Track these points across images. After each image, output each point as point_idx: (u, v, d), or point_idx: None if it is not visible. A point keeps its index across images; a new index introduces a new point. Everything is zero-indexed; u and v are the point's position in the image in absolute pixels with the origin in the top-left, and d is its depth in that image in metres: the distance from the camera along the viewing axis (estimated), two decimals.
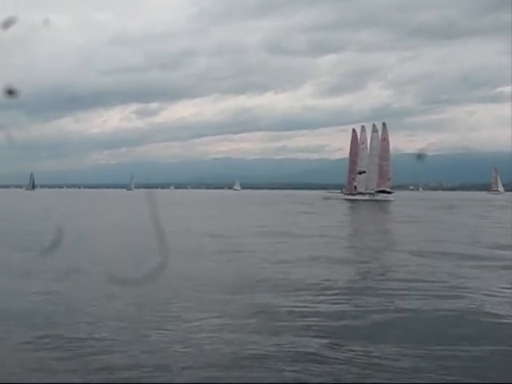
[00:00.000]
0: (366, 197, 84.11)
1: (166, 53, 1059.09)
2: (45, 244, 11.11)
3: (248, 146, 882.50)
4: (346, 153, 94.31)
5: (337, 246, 20.77)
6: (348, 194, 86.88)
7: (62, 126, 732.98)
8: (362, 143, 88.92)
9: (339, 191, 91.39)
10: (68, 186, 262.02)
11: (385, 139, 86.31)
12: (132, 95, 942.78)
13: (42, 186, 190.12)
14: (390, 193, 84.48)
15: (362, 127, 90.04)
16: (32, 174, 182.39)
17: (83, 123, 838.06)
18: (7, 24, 3.29)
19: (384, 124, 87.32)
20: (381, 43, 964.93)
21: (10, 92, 3.46)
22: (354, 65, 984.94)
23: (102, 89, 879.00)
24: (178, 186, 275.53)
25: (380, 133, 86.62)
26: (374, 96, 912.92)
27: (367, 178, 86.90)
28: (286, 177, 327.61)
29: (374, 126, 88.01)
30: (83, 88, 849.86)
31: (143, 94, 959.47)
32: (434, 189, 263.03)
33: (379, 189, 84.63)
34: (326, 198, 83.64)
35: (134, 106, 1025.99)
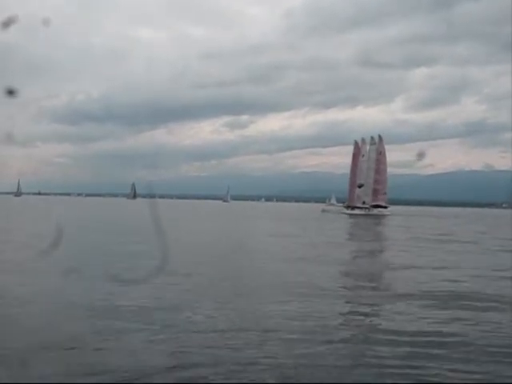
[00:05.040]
0: (362, 211, 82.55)
1: (257, 67, 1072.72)
2: None
3: (337, 160, 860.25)
4: (437, 168, 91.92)
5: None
6: (346, 208, 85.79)
7: (155, 137, 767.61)
8: (363, 156, 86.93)
9: (341, 204, 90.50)
10: (160, 196, 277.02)
11: (381, 152, 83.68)
12: (223, 108, 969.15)
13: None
14: (385, 207, 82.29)
15: (363, 139, 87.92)
16: (134, 184, 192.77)
17: (175, 135, 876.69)
18: (7, 24, 3.25)
19: (380, 136, 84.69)
20: (475, 57, 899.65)
21: (10, 92, 3.40)
22: (448, 78, 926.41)
23: (194, 102, 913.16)
24: (268, 199, 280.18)
25: (377, 146, 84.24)
26: (467, 111, 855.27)
27: (364, 192, 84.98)
28: None
29: (371, 138, 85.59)
30: (176, 101, 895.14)
31: (234, 107, 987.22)
32: None
33: (374, 203, 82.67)
34: (325, 211, 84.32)
35: (224, 119, 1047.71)
